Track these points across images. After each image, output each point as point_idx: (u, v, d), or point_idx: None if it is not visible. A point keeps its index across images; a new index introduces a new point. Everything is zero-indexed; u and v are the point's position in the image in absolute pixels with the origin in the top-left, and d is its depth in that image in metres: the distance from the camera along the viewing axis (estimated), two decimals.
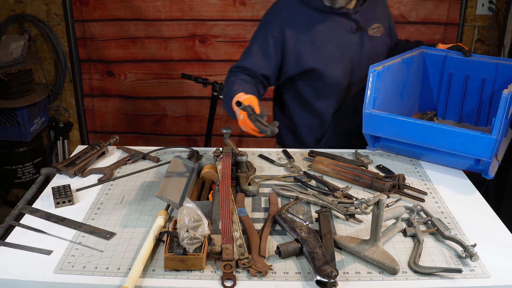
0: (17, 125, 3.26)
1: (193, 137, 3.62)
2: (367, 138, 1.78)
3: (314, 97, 1.93)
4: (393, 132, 1.69)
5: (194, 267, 1.16)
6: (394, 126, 1.67)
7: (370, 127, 1.72)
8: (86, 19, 3.32)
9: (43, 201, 1.47)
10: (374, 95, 1.68)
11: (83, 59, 3.43)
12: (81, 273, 1.16)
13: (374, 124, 1.70)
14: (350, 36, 1.87)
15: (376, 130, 1.72)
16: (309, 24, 1.83)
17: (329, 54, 1.85)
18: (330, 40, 1.84)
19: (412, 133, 1.65)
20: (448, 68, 2.00)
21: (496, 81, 1.94)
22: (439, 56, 2.00)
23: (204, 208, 1.34)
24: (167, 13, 3.28)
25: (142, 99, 3.51)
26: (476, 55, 1.96)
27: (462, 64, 1.98)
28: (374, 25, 1.93)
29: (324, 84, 1.89)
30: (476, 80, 1.98)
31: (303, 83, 1.92)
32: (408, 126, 1.65)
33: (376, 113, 1.68)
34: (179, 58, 3.39)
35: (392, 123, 1.67)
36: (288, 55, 1.84)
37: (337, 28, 1.86)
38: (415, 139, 1.66)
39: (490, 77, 1.95)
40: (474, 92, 2.01)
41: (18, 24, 3.41)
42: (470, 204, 1.49)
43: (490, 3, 3.21)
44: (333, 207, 1.41)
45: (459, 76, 2.00)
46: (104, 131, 3.66)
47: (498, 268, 1.19)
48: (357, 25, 1.87)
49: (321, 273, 1.11)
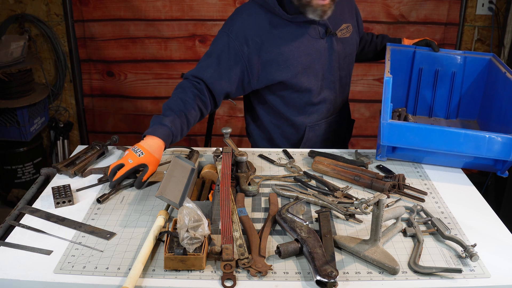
0: (17, 125, 3.26)
1: (193, 137, 3.62)
2: (382, 149, 1.68)
3: (285, 107, 1.86)
4: (416, 142, 1.59)
5: (194, 267, 1.16)
6: (418, 135, 1.58)
7: (390, 138, 1.61)
8: (86, 19, 3.32)
9: (43, 201, 1.47)
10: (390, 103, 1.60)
11: (83, 59, 3.44)
12: (81, 273, 1.16)
13: (394, 135, 1.60)
14: (319, 42, 1.78)
15: (397, 141, 1.62)
16: (274, 33, 1.73)
17: (298, 64, 1.75)
18: (297, 49, 1.74)
19: (437, 140, 1.57)
20: (418, 64, 1.98)
21: (465, 74, 1.96)
22: (407, 52, 1.98)
23: (204, 208, 1.34)
24: (167, 13, 3.28)
25: (142, 99, 3.51)
26: (444, 49, 1.98)
27: (431, 59, 1.97)
28: (342, 26, 1.84)
29: (295, 94, 1.82)
30: (445, 74, 1.98)
31: (272, 95, 1.85)
32: (433, 134, 1.57)
33: (396, 123, 1.59)
34: (179, 58, 3.39)
35: (415, 132, 1.58)
36: (252, 68, 1.74)
37: (305, 35, 1.76)
38: (440, 147, 1.58)
39: (459, 71, 1.96)
40: (444, 86, 2.00)
41: (18, 24, 3.41)
42: (470, 204, 1.49)
43: (490, 3, 3.21)
44: (333, 207, 1.41)
45: (428, 71, 1.99)
46: (104, 131, 3.66)
47: (498, 268, 1.19)
48: (325, 29, 1.79)
49: (321, 273, 1.11)
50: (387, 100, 1.58)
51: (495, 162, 1.59)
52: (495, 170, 1.62)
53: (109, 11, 3.29)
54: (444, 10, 3.23)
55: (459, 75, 1.96)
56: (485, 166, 1.62)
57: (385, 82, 1.59)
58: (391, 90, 1.58)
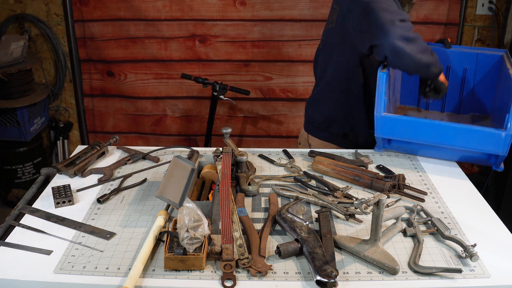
0: (17, 125, 3.26)
1: (193, 137, 3.62)
2: (378, 140, 1.75)
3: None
4: (408, 134, 1.65)
5: (194, 267, 1.16)
6: (409, 128, 1.64)
7: (383, 130, 1.68)
8: (86, 19, 3.32)
9: (43, 201, 1.47)
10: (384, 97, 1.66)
11: (83, 59, 3.43)
12: (81, 273, 1.16)
13: (387, 127, 1.67)
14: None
15: (389, 133, 1.69)
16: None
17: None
18: None
19: (428, 133, 1.62)
20: None
21: (477, 70, 2.01)
22: None
23: (204, 208, 1.34)
24: (167, 13, 3.28)
25: (142, 99, 3.51)
26: (456, 46, 2.03)
27: (443, 55, 2.02)
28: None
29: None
30: (457, 71, 2.02)
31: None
32: (425, 127, 1.62)
33: (389, 116, 1.65)
34: (179, 58, 3.39)
35: (407, 125, 1.64)
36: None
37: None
38: (432, 140, 1.63)
39: (471, 67, 2.00)
40: (455, 82, 2.04)
41: (18, 24, 3.41)
42: (470, 204, 1.49)
43: (490, 3, 3.21)
44: (333, 207, 1.41)
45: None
46: (104, 131, 3.66)
47: (498, 268, 1.19)
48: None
49: (321, 273, 1.11)
50: (381, 94, 1.65)
51: (488, 156, 1.61)
52: (490, 164, 1.63)
53: (109, 11, 3.29)
54: (444, 10, 3.23)
55: (471, 71, 2.01)
56: (479, 159, 1.65)
57: (378, 77, 1.65)
58: (384, 84, 1.64)
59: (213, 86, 3.03)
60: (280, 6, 3.21)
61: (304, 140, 2.17)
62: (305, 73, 3.34)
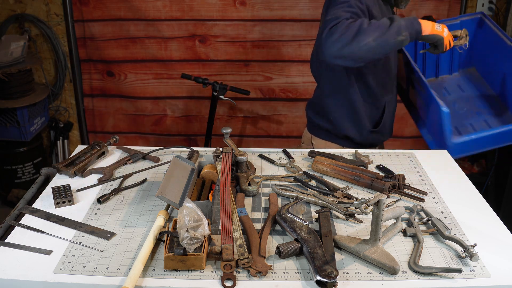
0: (17, 125, 3.26)
1: (193, 137, 3.62)
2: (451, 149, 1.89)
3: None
4: (483, 147, 1.90)
5: (194, 267, 1.16)
6: (482, 142, 1.89)
7: (460, 152, 1.89)
8: (86, 19, 3.32)
9: (43, 201, 1.47)
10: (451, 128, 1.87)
11: (83, 59, 3.43)
12: (81, 273, 1.16)
13: (462, 149, 1.88)
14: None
15: (466, 152, 1.91)
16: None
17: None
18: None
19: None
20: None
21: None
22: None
23: (204, 208, 1.34)
24: (167, 13, 3.28)
25: (142, 99, 3.51)
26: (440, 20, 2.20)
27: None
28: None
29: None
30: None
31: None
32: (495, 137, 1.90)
33: (461, 141, 1.86)
34: (179, 58, 3.39)
35: (480, 141, 1.88)
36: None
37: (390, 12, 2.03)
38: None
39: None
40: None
41: (18, 24, 3.41)
42: (470, 204, 1.49)
43: (490, 3, 3.21)
44: (333, 207, 1.41)
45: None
46: (104, 131, 3.66)
47: (498, 268, 1.19)
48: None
49: (321, 273, 1.11)
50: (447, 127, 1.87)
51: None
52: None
53: (109, 11, 3.29)
54: (444, 10, 3.23)
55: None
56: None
57: (442, 115, 1.84)
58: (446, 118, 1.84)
59: (213, 86, 3.03)
60: (280, 6, 3.21)
61: (308, 140, 2.18)
62: (305, 73, 3.34)
